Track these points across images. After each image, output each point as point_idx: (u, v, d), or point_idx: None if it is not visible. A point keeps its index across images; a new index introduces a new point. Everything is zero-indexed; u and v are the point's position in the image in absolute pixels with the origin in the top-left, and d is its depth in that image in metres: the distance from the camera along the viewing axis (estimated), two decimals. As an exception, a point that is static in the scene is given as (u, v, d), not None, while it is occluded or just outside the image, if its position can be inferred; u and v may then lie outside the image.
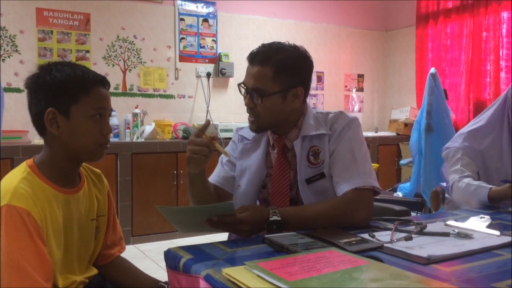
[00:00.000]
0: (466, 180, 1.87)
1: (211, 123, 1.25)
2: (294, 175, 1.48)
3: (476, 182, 1.83)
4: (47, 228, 1.18)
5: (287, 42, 1.49)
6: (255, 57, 1.43)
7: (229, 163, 1.60)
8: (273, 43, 1.47)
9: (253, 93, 1.41)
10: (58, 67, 1.25)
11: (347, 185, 1.37)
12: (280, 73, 1.40)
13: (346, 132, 1.45)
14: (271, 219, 1.25)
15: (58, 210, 1.23)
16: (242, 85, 1.46)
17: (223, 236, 1.40)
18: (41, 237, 1.14)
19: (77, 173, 1.34)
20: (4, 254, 1.08)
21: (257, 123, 1.46)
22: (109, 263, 1.46)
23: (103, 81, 1.29)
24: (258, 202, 1.55)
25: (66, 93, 1.22)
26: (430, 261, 0.99)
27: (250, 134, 1.58)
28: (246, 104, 1.45)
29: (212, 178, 1.60)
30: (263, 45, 1.46)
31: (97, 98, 1.26)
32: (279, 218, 1.26)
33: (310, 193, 1.44)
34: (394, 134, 5.28)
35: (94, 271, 1.41)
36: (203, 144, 1.31)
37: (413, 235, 1.16)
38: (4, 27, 3.85)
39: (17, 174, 1.21)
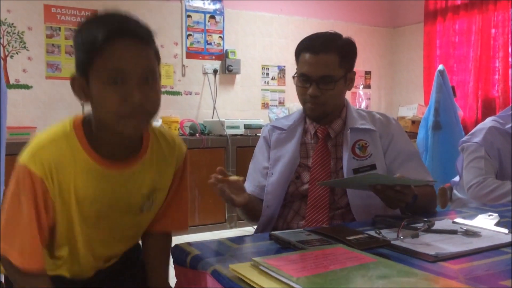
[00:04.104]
0: (494, 180, 1.86)
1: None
2: (334, 164, 1.51)
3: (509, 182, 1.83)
4: (64, 198, 1.08)
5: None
6: (315, 46, 1.46)
7: (263, 169, 1.59)
8: (323, 32, 1.52)
9: (324, 80, 1.44)
10: (92, 22, 1.04)
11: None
12: (344, 58, 1.47)
13: (403, 135, 1.58)
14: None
15: (88, 183, 1.09)
16: (302, 76, 1.47)
17: (230, 233, 1.41)
18: (47, 207, 1.06)
19: (127, 144, 1.13)
20: (5, 214, 1.04)
21: (321, 110, 1.50)
22: (149, 233, 1.27)
23: (125, 31, 1.00)
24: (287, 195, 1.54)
25: (83, 54, 1.02)
26: (437, 258, 0.99)
27: (284, 124, 1.60)
28: (310, 93, 1.46)
29: (248, 189, 1.56)
30: (317, 35, 1.51)
31: (111, 57, 0.99)
32: (416, 193, 1.33)
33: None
34: (401, 131, 5.25)
35: (116, 252, 1.26)
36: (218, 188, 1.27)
37: (421, 233, 1.16)
38: (12, 24, 3.87)
39: (57, 131, 1.08)
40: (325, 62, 1.44)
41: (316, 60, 1.44)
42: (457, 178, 2.23)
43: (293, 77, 1.52)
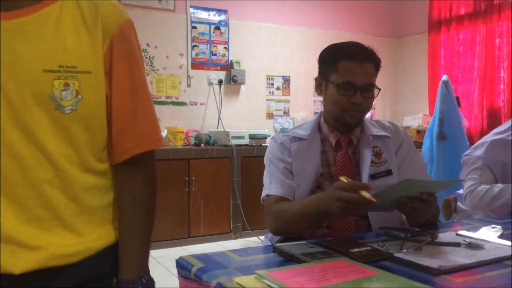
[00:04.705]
0: (485, 185, 1.85)
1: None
2: (355, 171, 1.55)
3: (501, 184, 1.81)
4: None
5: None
6: (359, 54, 1.50)
7: (286, 170, 1.55)
8: (351, 41, 1.56)
9: (367, 88, 1.50)
10: None
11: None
12: (377, 68, 1.56)
13: (411, 143, 1.64)
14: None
15: None
16: (347, 84, 1.47)
17: (235, 243, 1.42)
18: None
19: None
20: None
21: (361, 117, 1.56)
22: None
23: None
24: None
25: None
26: (440, 271, 0.99)
27: (301, 134, 1.59)
28: (356, 101, 1.47)
29: (277, 190, 1.51)
30: (351, 43, 1.54)
31: None
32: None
33: (374, 189, 1.43)
34: (406, 141, 5.25)
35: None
36: (355, 201, 1.21)
37: (424, 245, 1.16)
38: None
39: None
40: (368, 71, 1.51)
41: (362, 68, 1.49)
42: (461, 190, 2.22)
43: (323, 84, 1.54)
